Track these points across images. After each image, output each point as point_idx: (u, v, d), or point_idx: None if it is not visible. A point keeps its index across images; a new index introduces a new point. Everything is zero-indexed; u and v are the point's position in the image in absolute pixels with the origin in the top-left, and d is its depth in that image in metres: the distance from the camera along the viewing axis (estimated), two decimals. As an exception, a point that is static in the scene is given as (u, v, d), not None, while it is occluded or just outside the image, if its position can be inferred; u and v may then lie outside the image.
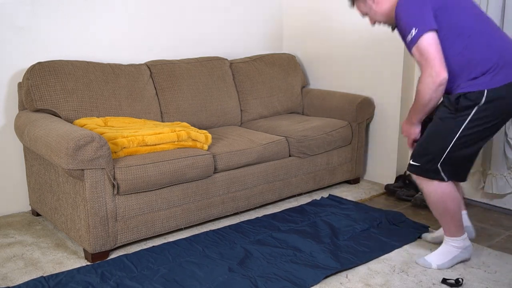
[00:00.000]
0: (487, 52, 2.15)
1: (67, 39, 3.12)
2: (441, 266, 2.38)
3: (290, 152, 3.21)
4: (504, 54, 2.15)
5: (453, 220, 2.33)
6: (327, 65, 3.95)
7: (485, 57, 2.14)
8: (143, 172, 2.49)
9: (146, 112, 3.13)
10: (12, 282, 2.26)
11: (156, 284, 2.22)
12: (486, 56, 2.14)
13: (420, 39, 2.11)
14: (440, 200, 2.29)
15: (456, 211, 2.31)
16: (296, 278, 2.26)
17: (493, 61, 2.14)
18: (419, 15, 2.12)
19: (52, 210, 2.70)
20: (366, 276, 2.32)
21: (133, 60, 3.35)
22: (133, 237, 2.55)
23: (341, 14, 3.75)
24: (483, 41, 2.15)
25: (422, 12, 2.12)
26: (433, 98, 2.18)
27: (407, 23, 2.15)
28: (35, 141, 2.51)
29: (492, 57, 2.14)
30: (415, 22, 2.12)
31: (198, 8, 3.68)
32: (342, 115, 3.57)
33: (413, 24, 2.12)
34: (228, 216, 3.00)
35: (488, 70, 2.14)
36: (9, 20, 2.90)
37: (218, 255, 2.49)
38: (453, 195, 2.29)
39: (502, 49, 2.16)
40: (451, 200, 2.28)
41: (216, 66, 3.56)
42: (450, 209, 2.30)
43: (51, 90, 2.80)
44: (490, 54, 2.14)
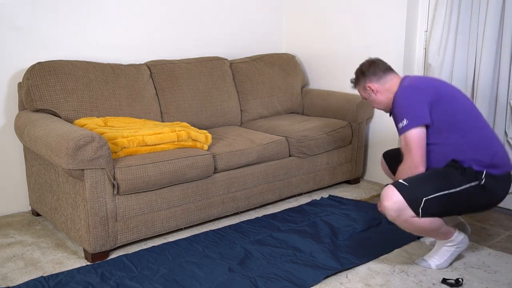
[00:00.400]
0: (478, 153, 2.24)
1: (67, 39, 3.12)
2: (440, 266, 2.38)
3: (290, 152, 3.21)
4: (494, 156, 2.25)
5: (438, 233, 2.31)
6: (327, 65, 3.95)
7: (477, 158, 2.24)
8: (143, 172, 2.49)
9: (146, 112, 3.13)
10: (12, 282, 2.26)
11: (156, 284, 2.22)
12: (478, 157, 2.24)
13: (408, 131, 2.25)
14: (421, 231, 2.28)
15: (434, 226, 2.25)
16: (296, 278, 2.26)
17: (485, 163, 2.23)
18: (412, 108, 2.25)
19: (52, 210, 2.70)
20: (366, 276, 2.32)
21: (133, 60, 3.35)
22: (133, 237, 2.55)
23: (341, 14, 3.76)
24: (477, 141, 2.26)
25: (416, 106, 2.25)
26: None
27: (400, 113, 2.29)
28: (35, 141, 2.51)
29: (484, 159, 2.23)
30: (407, 114, 2.26)
31: (198, 8, 3.68)
32: (342, 115, 3.57)
33: (405, 115, 2.26)
34: (228, 216, 3.01)
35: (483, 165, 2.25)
36: (9, 20, 2.90)
37: (218, 255, 2.49)
38: (434, 223, 2.24)
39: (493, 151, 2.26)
40: (432, 228, 2.25)
41: (216, 66, 3.56)
42: (428, 229, 2.26)
43: (51, 90, 2.80)
44: (482, 156, 2.24)
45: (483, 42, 3.01)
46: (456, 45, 3.17)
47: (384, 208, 2.22)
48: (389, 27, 3.44)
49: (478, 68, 3.06)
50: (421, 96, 2.26)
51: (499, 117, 3.03)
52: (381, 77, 2.44)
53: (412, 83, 2.34)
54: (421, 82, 2.37)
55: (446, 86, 2.38)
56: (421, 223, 2.21)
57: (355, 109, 3.49)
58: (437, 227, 2.25)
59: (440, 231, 2.29)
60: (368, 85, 2.47)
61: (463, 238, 2.38)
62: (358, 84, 2.54)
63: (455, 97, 2.32)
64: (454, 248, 2.37)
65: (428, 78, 2.49)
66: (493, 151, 2.25)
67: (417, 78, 2.43)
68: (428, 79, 2.47)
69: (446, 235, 2.34)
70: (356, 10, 3.65)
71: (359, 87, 2.54)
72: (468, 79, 3.15)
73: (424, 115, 2.23)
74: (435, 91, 2.28)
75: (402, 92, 2.32)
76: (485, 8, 2.98)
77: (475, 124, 2.28)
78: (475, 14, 3.05)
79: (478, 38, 3.06)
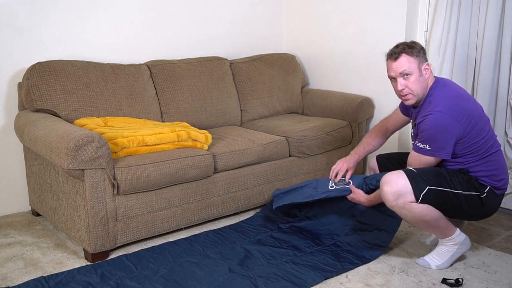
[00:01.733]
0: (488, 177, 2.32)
1: (67, 39, 3.12)
2: (440, 267, 2.38)
3: (290, 152, 3.21)
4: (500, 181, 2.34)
5: (438, 226, 2.31)
6: (327, 65, 3.95)
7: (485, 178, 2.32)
8: (143, 172, 2.49)
9: (146, 112, 3.13)
10: (12, 282, 2.26)
11: (156, 284, 2.22)
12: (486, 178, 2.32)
13: (426, 157, 2.28)
14: (419, 219, 2.27)
15: (438, 220, 2.28)
16: (296, 278, 2.26)
17: (490, 183, 2.32)
18: (440, 139, 2.22)
19: (52, 210, 2.70)
20: (366, 276, 2.32)
21: (133, 60, 3.35)
22: (133, 237, 2.55)
23: (341, 14, 3.76)
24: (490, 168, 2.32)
25: (444, 139, 2.22)
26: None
27: (427, 137, 2.24)
28: (35, 141, 2.51)
29: (491, 182, 2.32)
30: (432, 142, 2.24)
31: (198, 8, 3.68)
32: (342, 115, 3.57)
33: (430, 142, 2.24)
34: (228, 216, 3.01)
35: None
36: (9, 20, 2.90)
37: (218, 255, 2.49)
38: (431, 211, 2.25)
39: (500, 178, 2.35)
40: (431, 216, 2.26)
41: (216, 66, 3.56)
42: (432, 222, 2.28)
43: (51, 90, 2.80)
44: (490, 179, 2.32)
45: (483, 42, 3.01)
46: (456, 45, 3.17)
47: (383, 193, 2.26)
48: (389, 27, 3.44)
49: (478, 68, 3.06)
50: (454, 130, 2.20)
51: (499, 117, 3.03)
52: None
53: (450, 110, 2.20)
54: (459, 109, 2.22)
55: (477, 112, 2.28)
56: (419, 210, 2.23)
57: (355, 109, 3.49)
58: (435, 218, 2.26)
59: (439, 224, 2.29)
60: (427, 64, 2.27)
61: (464, 239, 2.38)
62: (416, 56, 2.24)
63: (484, 128, 2.28)
64: (455, 248, 2.37)
65: (463, 100, 2.28)
66: (500, 177, 2.33)
67: (453, 99, 2.26)
68: (463, 102, 2.27)
69: (446, 231, 2.33)
70: (356, 10, 3.65)
71: (415, 58, 2.24)
72: (468, 79, 3.15)
73: (447, 150, 2.24)
74: (469, 124, 2.23)
75: (438, 116, 2.19)
76: (485, 8, 2.98)
77: (492, 151, 2.31)
78: (475, 14, 3.05)
79: (478, 38, 3.05)
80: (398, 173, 2.25)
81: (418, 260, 2.44)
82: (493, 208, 2.37)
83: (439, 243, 2.41)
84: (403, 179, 2.22)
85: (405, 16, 3.33)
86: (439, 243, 2.40)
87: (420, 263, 2.42)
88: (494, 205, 2.36)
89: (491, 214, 2.40)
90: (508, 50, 2.94)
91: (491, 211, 2.38)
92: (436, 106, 2.22)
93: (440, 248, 2.40)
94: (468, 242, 2.41)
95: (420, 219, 2.26)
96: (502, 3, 2.92)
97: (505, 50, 2.95)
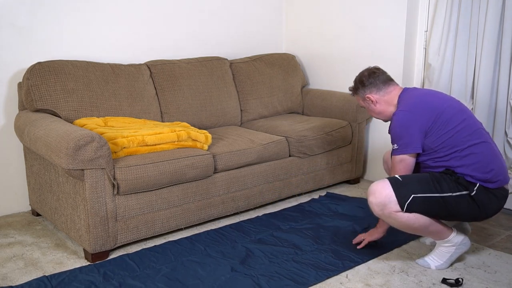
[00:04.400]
0: (473, 171, 2.25)
1: (67, 39, 3.12)
2: (440, 267, 2.38)
3: (290, 152, 3.21)
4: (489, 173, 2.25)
5: (429, 232, 2.31)
6: (327, 65, 3.95)
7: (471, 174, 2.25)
8: (143, 172, 2.49)
9: (146, 112, 3.13)
10: (12, 282, 2.26)
11: (158, 283, 2.22)
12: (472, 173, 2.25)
13: (397, 156, 2.32)
14: (406, 226, 2.27)
15: (428, 225, 2.27)
16: (298, 277, 2.27)
17: (479, 178, 2.25)
18: (404, 135, 2.29)
19: (52, 210, 2.70)
20: (366, 276, 2.32)
21: (133, 60, 3.35)
22: (133, 237, 2.55)
23: (341, 14, 3.76)
24: (472, 161, 2.25)
25: (408, 134, 2.28)
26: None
27: (393, 137, 2.34)
28: (35, 141, 2.50)
29: (478, 175, 2.24)
30: (398, 140, 2.31)
31: (198, 8, 3.68)
32: (342, 115, 3.57)
33: (397, 141, 2.31)
34: (228, 216, 3.01)
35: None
36: (9, 20, 2.90)
37: (220, 254, 2.49)
38: (419, 219, 2.25)
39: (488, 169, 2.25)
40: (418, 223, 2.25)
41: (216, 66, 3.56)
42: (421, 228, 2.27)
43: (51, 90, 2.80)
44: (476, 173, 2.24)
45: (483, 42, 3.01)
46: (456, 45, 3.17)
47: (369, 203, 2.27)
48: (389, 27, 3.44)
49: (478, 68, 3.06)
50: (416, 123, 2.26)
51: (499, 117, 3.04)
52: (380, 88, 2.43)
53: (410, 106, 2.31)
54: (420, 103, 2.32)
55: (445, 104, 2.32)
56: (405, 219, 2.23)
57: (355, 109, 3.49)
58: (424, 224, 2.26)
59: (430, 230, 2.29)
60: (368, 96, 2.46)
61: (462, 239, 2.37)
62: (357, 94, 2.53)
63: (453, 118, 2.28)
64: (453, 249, 2.36)
65: (428, 96, 2.40)
66: (489, 168, 2.25)
67: (417, 97, 2.37)
68: (427, 97, 2.38)
69: (439, 234, 2.33)
70: (356, 10, 3.65)
71: (358, 96, 2.53)
72: (468, 79, 3.15)
73: (414, 145, 2.27)
74: (433, 115, 2.26)
75: (398, 116, 2.31)
76: (485, 8, 2.98)
77: (472, 142, 2.26)
78: (475, 14, 3.05)
79: (478, 38, 3.06)
80: (383, 182, 2.25)
81: (418, 260, 2.44)
82: (491, 205, 2.27)
83: (437, 244, 2.41)
84: (387, 189, 2.21)
85: (405, 16, 3.33)
86: (437, 244, 2.40)
87: (420, 263, 2.42)
88: (492, 202, 2.27)
89: (493, 212, 2.32)
90: (508, 50, 2.94)
91: (491, 209, 2.29)
92: (398, 108, 2.36)
93: (439, 250, 2.39)
94: (468, 242, 2.40)
95: (408, 227, 2.27)
96: (502, 3, 2.92)
97: (505, 50, 2.95)
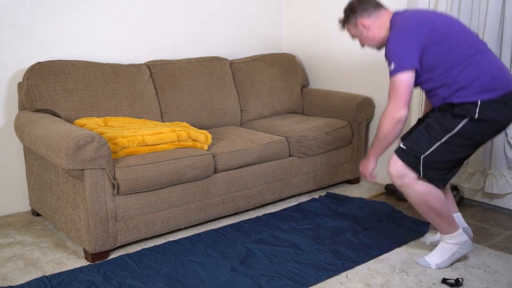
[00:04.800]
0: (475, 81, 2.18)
1: (67, 39, 3.12)
2: (440, 265, 2.38)
3: (290, 152, 3.21)
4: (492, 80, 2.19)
5: (441, 217, 2.33)
6: (327, 65, 3.95)
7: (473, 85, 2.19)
8: (143, 172, 2.49)
9: (146, 112, 3.13)
10: (12, 282, 2.26)
11: (158, 283, 2.22)
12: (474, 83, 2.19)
13: (396, 75, 2.23)
14: (422, 199, 2.30)
15: (441, 208, 2.31)
16: (298, 277, 2.27)
17: (483, 87, 2.17)
18: (401, 52, 2.23)
19: (52, 210, 2.70)
20: (366, 276, 2.32)
21: (133, 60, 3.35)
22: (133, 237, 2.55)
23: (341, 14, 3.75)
24: (472, 71, 2.20)
25: (405, 51, 2.23)
26: (390, 133, 2.29)
27: (390, 56, 2.26)
28: (35, 141, 2.51)
29: (481, 83, 2.18)
30: (395, 58, 2.23)
31: (198, 8, 3.68)
32: (342, 115, 3.57)
33: (394, 59, 2.24)
34: (228, 216, 3.01)
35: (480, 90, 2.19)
36: (9, 20, 2.90)
37: (220, 254, 2.50)
38: (435, 194, 2.29)
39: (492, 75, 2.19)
40: (433, 198, 2.29)
41: (216, 66, 3.56)
42: (435, 207, 2.30)
43: (51, 90, 2.80)
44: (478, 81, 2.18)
45: (483, 42, 3.01)
46: (456, 45, 3.16)
47: (390, 175, 2.32)
48: (389, 27, 3.43)
49: (478, 68, 3.06)
50: (412, 39, 2.22)
51: (499, 117, 3.03)
52: (372, 12, 2.40)
53: (404, 24, 2.27)
54: (414, 22, 2.27)
55: (438, 19, 2.28)
56: (423, 189, 2.26)
57: (355, 109, 3.49)
58: (441, 203, 2.29)
59: (443, 212, 2.31)
60: (360, 21, 2.41)
61: (466, 240, 2.38)
62: (348, 22, 2.47)
63: (448, 32, 2.23)
64: (455, 248, 2.37)
65: (420, 14, 2.35)
66: (490, 76, 2.17)
67: (410, 16, 2.32)
68: (420, 14, 2.34)
69: (449, 225, 2.34)
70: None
71: (349, 25, 2.47)
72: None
73: (411, 60, 2.21)
74: (427, 30, 2.22)
75: (392, 35, 2.27)
76: (485, 7, 2.98)
77: (469, 53, 2.21)
78: (475, 14, 3.05)
79: (478, 38, 3.05)
80: (394, 156, 2.31)
81: (418, 260, 2.44)
82: (500, 116, 2.17)
83: (440, 241, 2.41)
84: (398, 161, 2.28)
85: (405, 16, 3.32)
86: (441, 241, 2.41)
87: (420, 263, 2.42)
88: (499, 113, 2.16)
89: (507, 123, 2.21)
90: (509, 49, 2.94)
91: (501, 120, 2.18)
92: (391, 31, 2.31)
93: (442, 246, 2.40)
94: (470, 244, 2.41)
95: (424, 202, 2.29)
96: (502, 2, 2.92)
97: (506, 49, 2.95)
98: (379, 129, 2.32)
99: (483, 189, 3.15)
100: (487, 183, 3.09)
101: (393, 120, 2.25)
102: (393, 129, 2.27)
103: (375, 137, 2.38)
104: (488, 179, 3.08)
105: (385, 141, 2.33)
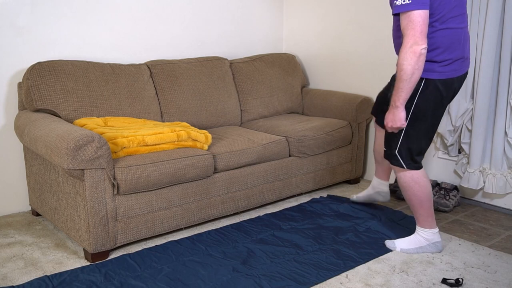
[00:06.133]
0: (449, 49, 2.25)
1: (67, 39, 3.12)
2: (404, 251, 2.50)
3: (290, 152, 3.21)
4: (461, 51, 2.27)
5: (422, 208, 2.42)
6: (327, 65, 3.95)
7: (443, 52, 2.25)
8: (143, 172, 2.49)
9: (146, 112, 3.13)
10: (12, 282, 2.26)
11: (160, 283, 2.22)
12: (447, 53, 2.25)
13: (413, 12, 2.13)
14: (407, 186, 2.40)
15: (424, 199, 2.40)
16: (299, 277, 2.27)
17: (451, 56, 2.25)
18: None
19: (52, 210, 2.70)
20: (366, 276, 2.32)
21: (133, 60, 3.35)
22: (133, 237, 2.55)
23: (341, 14, 3.76)
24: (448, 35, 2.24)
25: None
26: (415, 70, 2.17)
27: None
28: (35, 141, 2.50)
29: (452, 55, 2.25)
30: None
31: (198, 8, 3.68)
32: (342, 115, 3.57)
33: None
34: (228, 216, 3.01)
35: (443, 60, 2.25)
36: (9, 20, 2.90)
37: (221, 254, 2.50)
38: (422, 183, 2.38)
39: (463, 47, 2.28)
40: (419, 187, 2.38)
41: (216, 66, 3.56)
42: (418, 196, 2.40)
43: (51, 90, 2.80)
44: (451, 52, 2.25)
45: (483, 42, 3.01)
46: (456, 45, 3.16)
47: (398, 182, 2.48)
48: (389, 27, 3.43)
49: (478, 68, 3.06)
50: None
51: (499, 117, 3.03)
52: None
53: None
54: None
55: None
56: (409, 177, 2.40)
57: (355, 109, 3.49)
58: (427, 192, 2.40)
59: (426, 204, 2.41)
60: None
61: (438, 242, 2.50)
62: None
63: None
64: (425, 243, 2.49)
65: None
66: (465, 55, 2.29)
67: None
68: None
69: (425, 219, 2.45)
70: (356, 10, 3.65)
71: None
72: (468, 79, 3.15)
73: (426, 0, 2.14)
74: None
75: None
76: (485, 8, 2.98)
77: (460, 26, 2.26)
78: (475, 14, 3.05)
79: (478, 38, 3.05)
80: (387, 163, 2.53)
81: (387, 242, 2.58)
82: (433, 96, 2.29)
83: (415, 231, 2.53)
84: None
85: (405, 16, 3.32)
86: (416, 231, 2.52)
87: (388, 245, 2.57)
88: (440, 92, 2.28)
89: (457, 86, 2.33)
90: (508, 50, 2.94)
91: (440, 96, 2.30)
92: None
93: (414, 236, 2.52)
94: (440, 247, 2.51)
95: (409, 187, 2.41)
96: (502, 3, 2.92)
97: (505, 50, 2.95)
98: (401, 71, 2.18)
99: (483, 189, 3.15)
100: (487, 183, 3.09)
101: (414, 55, 2.13)
102: (416, 63, 2.15)
103: (397, 83, 2.23)
104: (488, 179, 3.08)
105: (411, 80, 2.19)
